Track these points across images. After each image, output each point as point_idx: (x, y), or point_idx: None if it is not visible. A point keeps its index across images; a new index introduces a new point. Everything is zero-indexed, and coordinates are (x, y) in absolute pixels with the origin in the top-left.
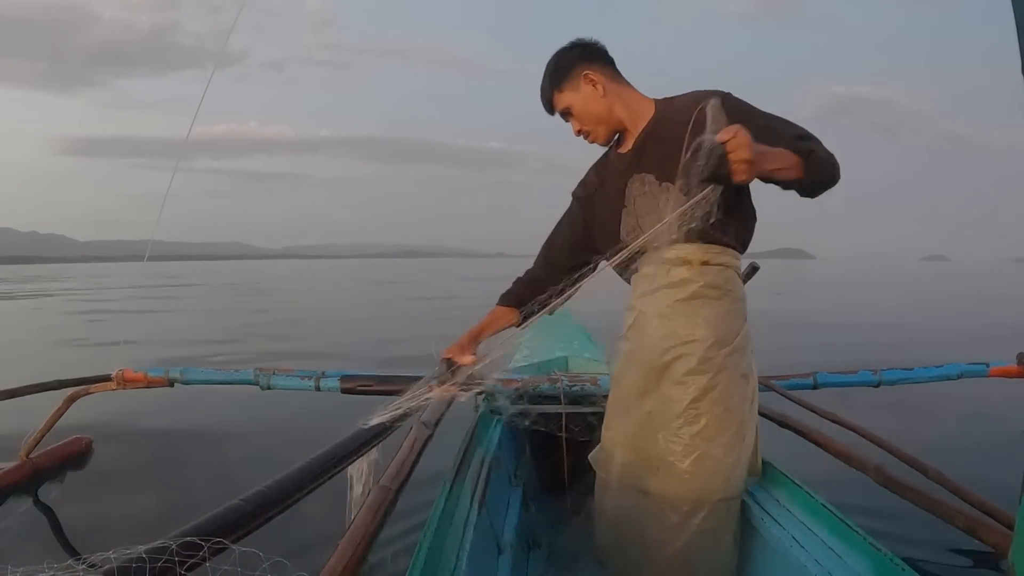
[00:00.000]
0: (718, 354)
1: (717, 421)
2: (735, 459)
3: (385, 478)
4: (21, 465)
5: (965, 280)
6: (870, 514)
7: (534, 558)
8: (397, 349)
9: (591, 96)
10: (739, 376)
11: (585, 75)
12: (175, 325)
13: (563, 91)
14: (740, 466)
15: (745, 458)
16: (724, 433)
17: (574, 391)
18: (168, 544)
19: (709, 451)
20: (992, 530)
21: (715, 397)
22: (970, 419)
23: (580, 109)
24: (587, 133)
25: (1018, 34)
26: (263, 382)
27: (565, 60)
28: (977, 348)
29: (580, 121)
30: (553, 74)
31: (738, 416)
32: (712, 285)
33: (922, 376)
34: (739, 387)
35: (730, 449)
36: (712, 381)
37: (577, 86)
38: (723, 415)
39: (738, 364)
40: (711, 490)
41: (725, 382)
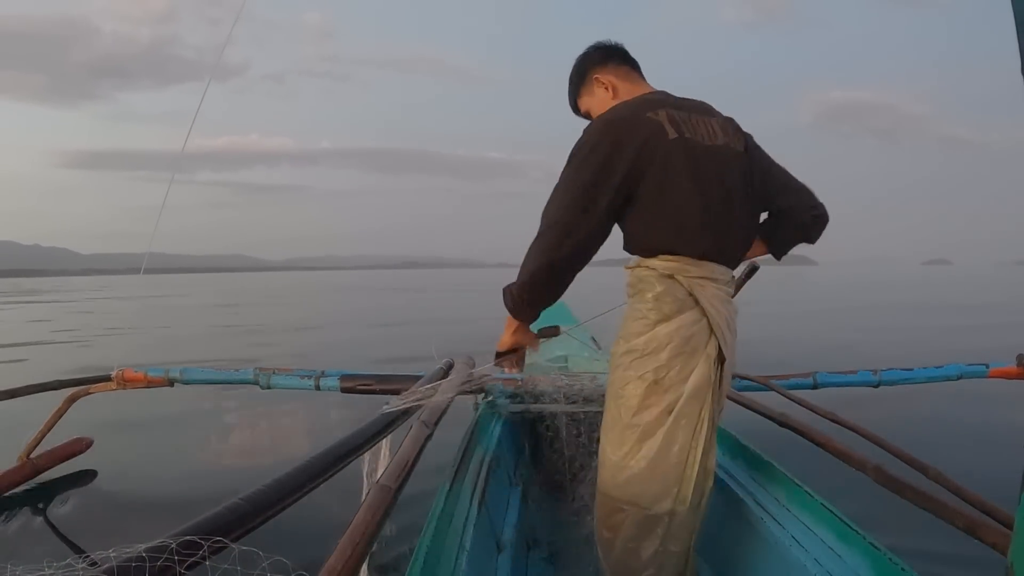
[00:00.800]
0: (618, 350)
1: (610, 416)
2: (619, 459)
3: (385, 477)
4: (22, 466)
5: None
6: (870, 514)
7: (533, 557)
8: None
9: (603, 99)
10: (644, 380)
11: (596, 79)
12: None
13: (582, 95)
14: (628, 472)
15: (639, 468)
16: (611, 429)
17: (574, 391)
18: (168, 543)
19: (603, 444)
20: (992, 530)
21: (612, 391)
22: (970, 420)
23: (595, 112)
24: None
25: (1018, 34)
26: (263, 381)
27: (580, 65)
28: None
29: None
30: (575, 77)
31: (628, 417)
32: (629, 284)
33: (922, 376)
34: (639, 391)
35: (614, 447)
36: (612, 375)
37: (591, 90)
38: (611, 409)
39: (641, 366)
40: (602, 485)
41: (622, 380)
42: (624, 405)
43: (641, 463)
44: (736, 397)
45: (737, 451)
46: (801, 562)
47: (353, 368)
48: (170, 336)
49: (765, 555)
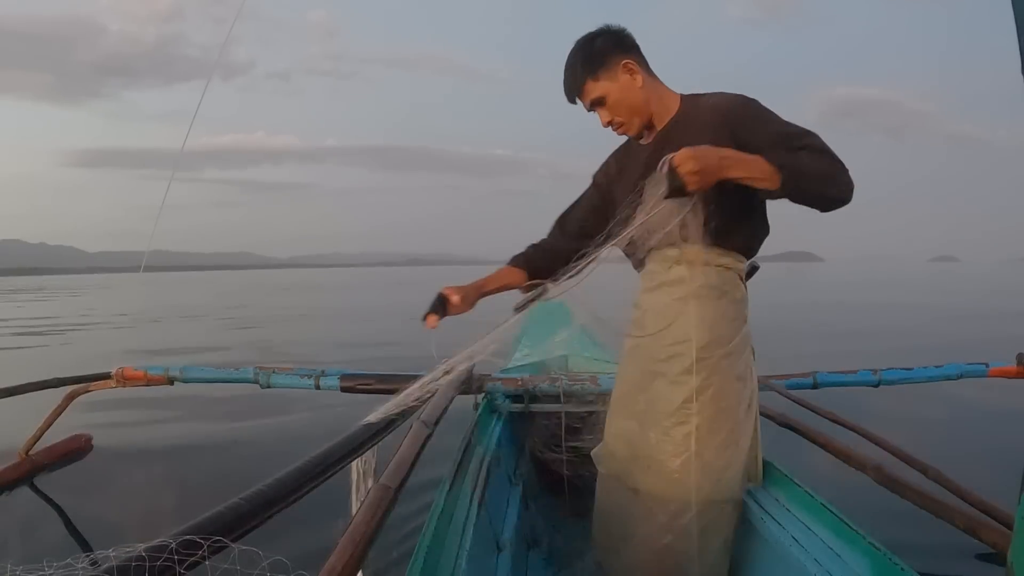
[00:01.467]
0: (713, 355)
1: (708, 423)
2: (726, 462)
3: (385, 477)
4: (20, 462)
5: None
6: (870, 514)
7: (533, 557)
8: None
9: (629, 86)
10: (734, 379)
11: (625, 64)
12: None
13: (599, 79)
14: (732, 469)
15: (739, 461)
16: (715, 435)
17: (574, 390)
18: (168, 543)
19: (699, 452)
20: (991, 530)
21: (708, 398)
22: (969, 419)
23: (616, 99)
24: (619, 124)
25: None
26: (263, 380)
27: (602, 47)
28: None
29: (614, 111)
30: (588, 60)
31: (731, 419)
32: (710, 285)
33: (922, 376)
34: (734, 390)
35: (721, 452)
36: (706, 382)
37: (615, 75)
38: (715, 417)
39: (733, 366)
40: (699, 491)
41: (719, 384)
42: (719, 407)
43: (738, 460)
44: None
45: None
46: (801, 562)
47: (353, 368)
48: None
49: (765, 555)
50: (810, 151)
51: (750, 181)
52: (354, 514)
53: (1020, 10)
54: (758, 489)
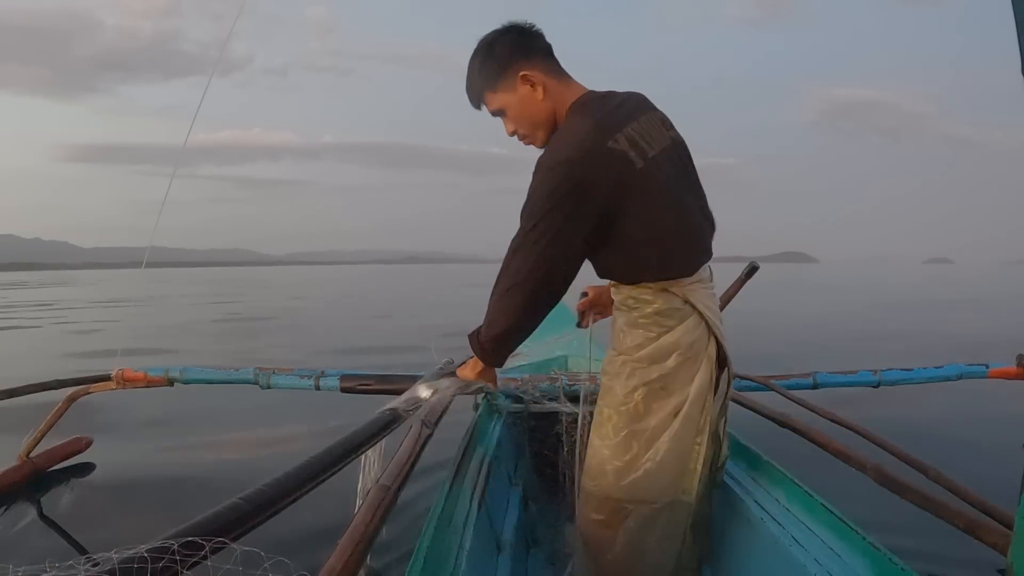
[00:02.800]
0: (615, 359)
1: (609, 422)
2: (624, 464)
3: (385, 477)
4: (21, 465)
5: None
6: (870, 514)
7: (533, 557)
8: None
9: (528, 98)
10: (650, 388)
11: (523, 75)
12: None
13: (496, 91)
14: (635, 474)
15: (646, 469)
16: (615, 436)
17: (574, 390)
18: (169, 543)
19: (600, 451)
20: (991, 530)
21: (609, 400)
22: (969, 420)
23: (517, 113)
24: (523, 136)
25: (1018, 34)
26: (263, 381)
27: (500, 54)
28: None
29: (516, 124)
30: (484, 69)
31: (634, 424)
32: (622, 303)
33: (922, 377)
34: (644, 398)
35: (618, 453)
36: (609, 383)
37: (513, 86)
38: (613, 416)
39: (646, 375)
40: (601, 489)
41: (625, 389)
42: (628, 412)
43: (648, 465)
44: (736, 397)
45: (737, 451)
46: (801, 562)
47: (353, 368)
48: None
49: (765, 555)
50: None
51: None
52: (354, 514)
53: (1020, 10)
54: (758, 489)
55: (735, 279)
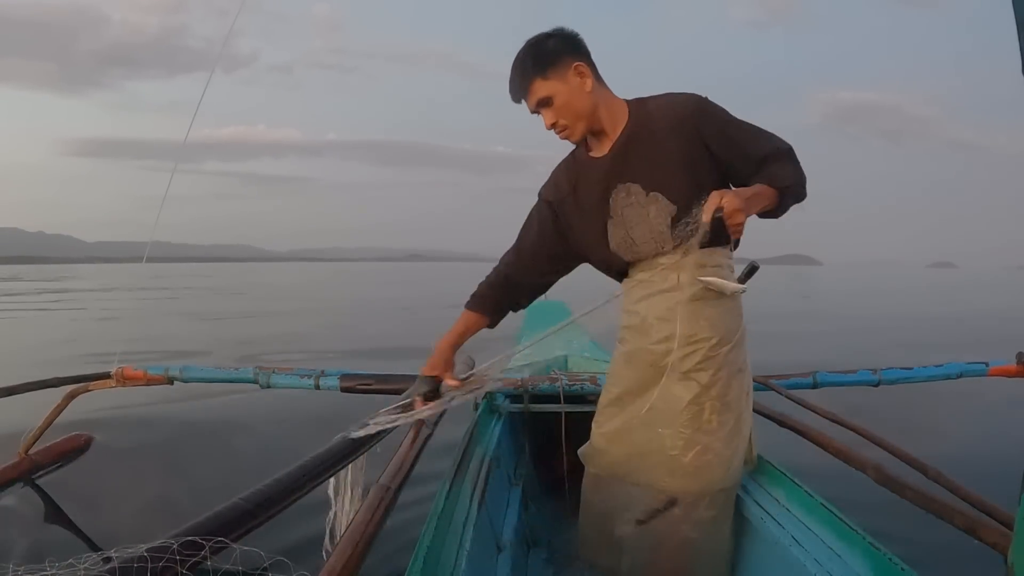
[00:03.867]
0: (720, 351)
1: (718, 416)
2: (733, 451)
3: (385, 477)
4: (20, 461)
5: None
6: (870, 514)
7: (533, 557)
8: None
9: (578, 89)
10: (737, 371)
11: (576, 66)
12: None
13: (548, 78)
14: (738, 457)
15: (742, 449)
16: (724, 427)
17: (574, 390)
18: (169, 543)
19: (711, 444)
20: (991, 530)
21: (716, 393)
22: (969, 418)
23: (564, 101)
24: (563, 128)
25: (1018, 34)
26: (263, 380)
27: (553, 47)
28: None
29: (559, 114)
30: (539, 59)
31: (736, 410)
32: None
33: (922, 375)
34: (737, 382)
35: (729, 442)
36: (714, 377)
37: (565, 76)
38: (723, 410)
39: (736, 360)
40: (712, 481)
41: (725, 378)
42: (734, 400)
43: (742, 448)
44: None
45: None
46: (801, 562)
47: (353, 368)
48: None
49: (765, 555)
50: (779, 154)
51: (763, 211)
52: (354, 514)
53: (1020, 10)
54: (758, 489)
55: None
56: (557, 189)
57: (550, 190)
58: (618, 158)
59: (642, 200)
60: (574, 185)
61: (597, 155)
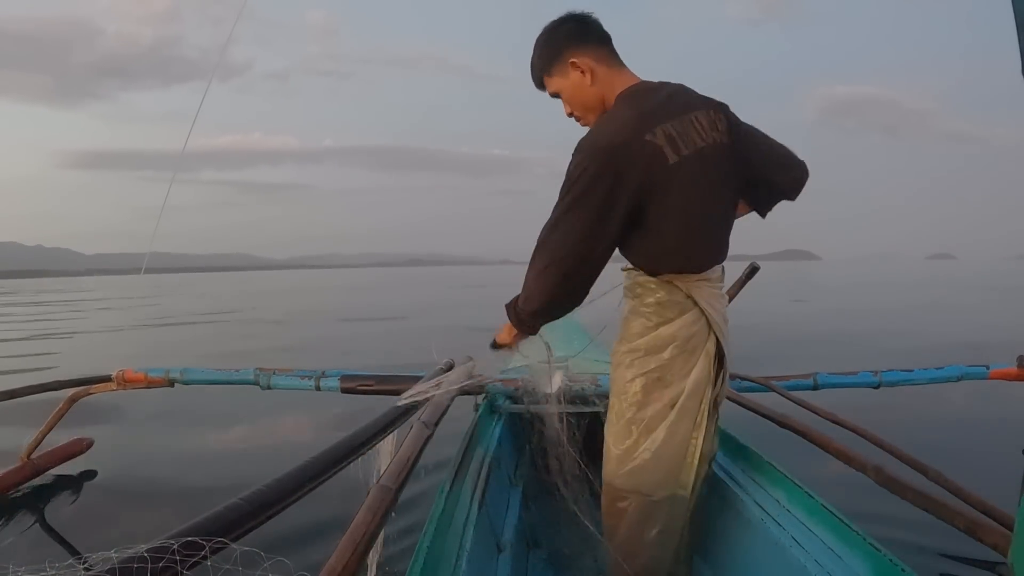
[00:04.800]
0: (620, 348)
1: (614, 411)
2: (623, 452)
3: (385, 477)
4: (22, 466)
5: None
6: (870, 514)
7: (533, 557)
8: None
9: (578, 84)
10: (647, 377)
11: (572, 62)
12: None
13: (552, 76)
14: (632, 463)
15: (643, 459)
16: (616, 423)
17: (574, 391)
18: (169, 544)
19: (606, 437)
20: (992, 530)
21: (615, 388)
22: (970, 421)
23: (569, 96)
24: (578, 118)
25: (1018, 34)
26: (263, 382)
27: (555, 40)
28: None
29: (570, 105)
30: (542, 56)
31: (632, 412)
32: (628, 288)
33: (922, 378)
34: (642, 386)
35: (618, 440)
36: (613, 372)
37: (565, 72)
38: (615, 405)
39: (643, 364)
40: (607, 477)
41: (625, 377)
42: (627, 401)
43: (645, 455)
44: (736, 397)
45: (737, 451)
46: (801, 562)
47: (353, 368)
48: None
49: (765, 555)
50: (785, 154)
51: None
52: (354, 514)
53: (1020, 10)
54: (758, 489)
55: (736, 279)
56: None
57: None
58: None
59: None
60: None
61: None
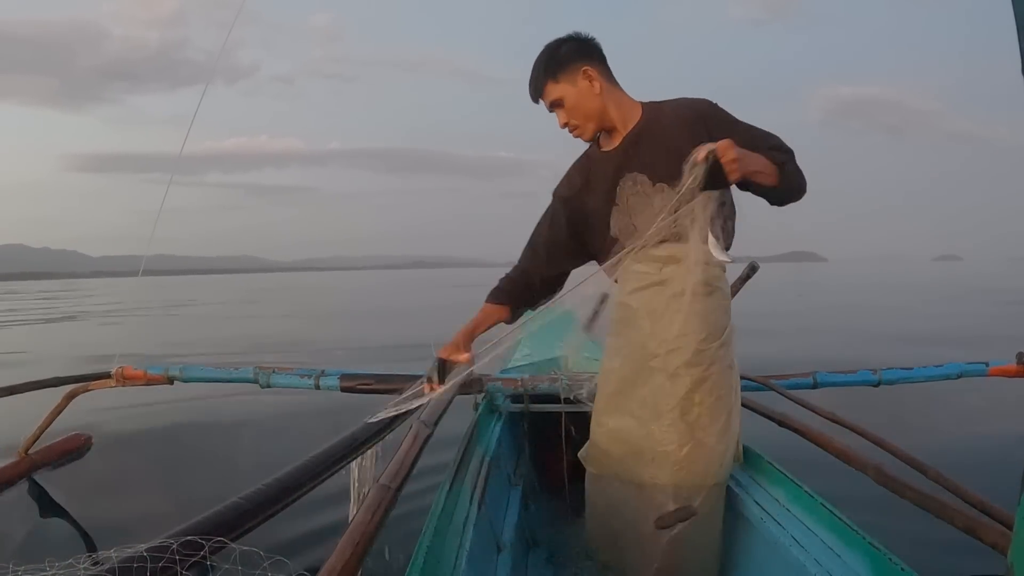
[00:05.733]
0: (710, 347)
1: (709, 411)
2: (725, 446)
3: (385, 477)
4: (20, 461)
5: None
6: (870, 514)
7: (533, 557)
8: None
9: (587, 92)
10: (727, 367)
11: (584, 70)
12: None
13: (559, 82)
14: (729, 452)
15: (733, 445)
16: (716, 422)
17: (574, 390)
18: (168, 543)
19: (703, 440)
20: (991, 530)
21: (707, 388)
22: (969, 419)
23: (573, 104)
24: (574, 127)
25: (1018, 34)
26: (263, 380)
27: (565, 52)
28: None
29: (570, 115)
30: (550, 63)
31: (727, 405)
32: (703, 282)
33: (922, 375)
34: (727, 378)
35: (721, 437)
36: (705, 373)
37: (574, 80)
38: (715, 405)
39: (726, 356)
40: (705, 476)
41: (716, 374)
42: (724, 395)
43: (733, 443)
44: None
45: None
46: (801, 562)
47: (353, 367)
48: None
49: (765, 555)
50: (782, 148)
51: (760, 177)
52: (354, 514)
53: (1020, 10)
54: (758, 489)
55: (735, 279)
56: (570, 185)
57: (564, 187)
58: (629, 150)
59: (648, 190)
60: (586, 179)
61: (608, 149)
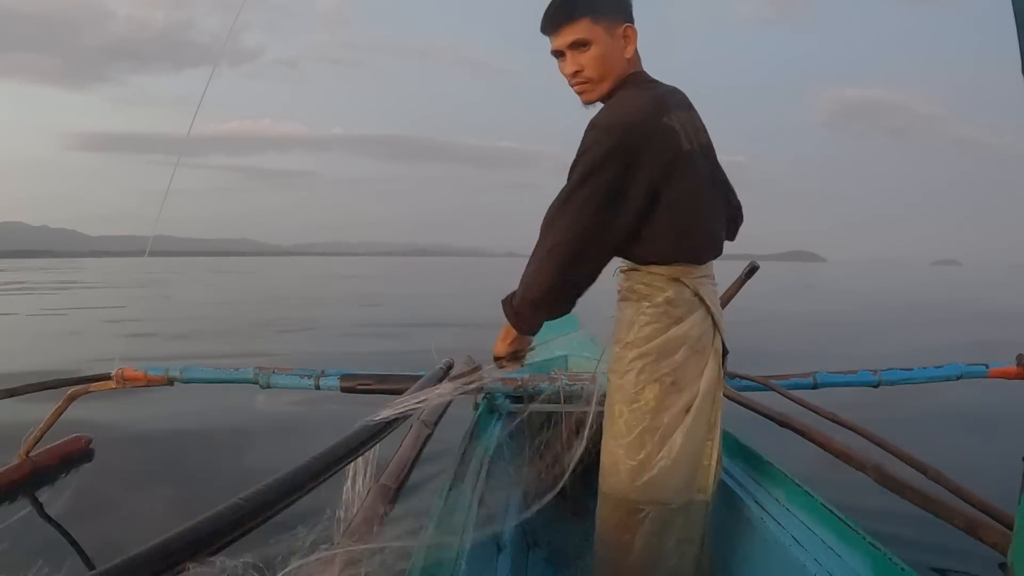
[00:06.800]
0: (627, 355)
1: (623, 421)
2: (638, 463)
3: (385, 476)
4: (21, 464)
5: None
6: (870, 514)
7: (533, 557)
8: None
9: (617, 49)
10: (661, 383)
11: (627, 27)
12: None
13: (598, 23)
14: (649, 473)
15: (661, 467)
16: (628, 434)
17: (574, 391)
18: (169, 543)
19: (614, 450)
20: (991, 530)
21: (623, 397)
22: (969, 420)
23: (601, 53)
24: (585, 81)
25: (1018, 34)
26: (263, 381)
27: (622, 1)
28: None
29: (590, 64)
30: (597, 4)
31: (647, 421)
32: (631, 290)
33: (922, 376)
34: (656, 393)
35: (632, 451)
36: (621, 380)
37: (614, 31)
38: (629, 417)
39: (656, 369)
40: (616, 491)
41: (636, 384)
42: (641, 409)
43: (663, 463)
44: (736, 397)
45: (737, 451)
46: (801, 562)
47: (353, 368)
48: None
49: (765, 555)
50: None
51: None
52: (354, 515)
53: (1020, 10)
54: (758, 489)
55: (735, 279)
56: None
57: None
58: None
59: None
60: None
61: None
